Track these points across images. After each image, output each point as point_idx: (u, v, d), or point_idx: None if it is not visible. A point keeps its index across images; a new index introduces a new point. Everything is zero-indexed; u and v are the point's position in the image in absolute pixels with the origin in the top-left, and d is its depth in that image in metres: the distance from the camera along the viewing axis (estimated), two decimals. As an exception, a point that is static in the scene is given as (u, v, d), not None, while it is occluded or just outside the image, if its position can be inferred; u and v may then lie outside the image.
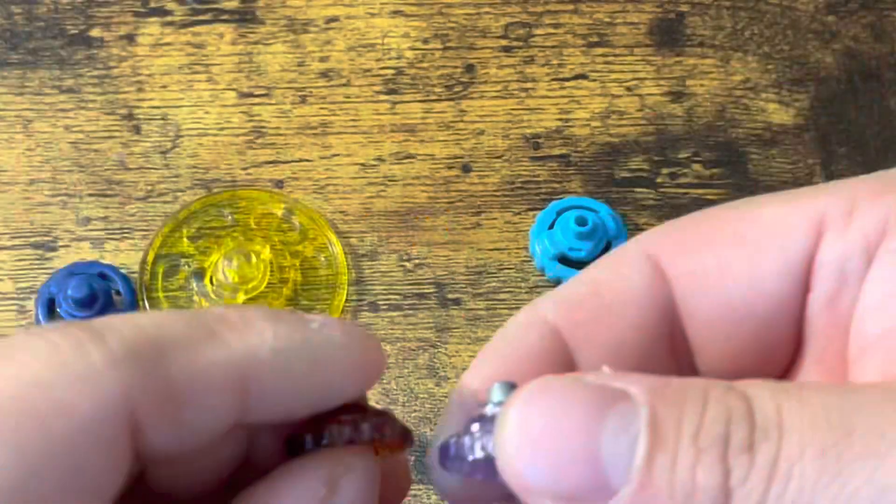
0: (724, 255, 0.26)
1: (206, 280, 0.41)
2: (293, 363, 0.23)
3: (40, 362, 0.20)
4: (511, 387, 0.24)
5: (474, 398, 0.26)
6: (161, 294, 0.41)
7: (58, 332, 0.21)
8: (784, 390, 0.23)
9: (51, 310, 0.41)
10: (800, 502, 0.22)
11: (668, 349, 0.27)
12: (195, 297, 0.41)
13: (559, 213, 0.42)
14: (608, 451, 0.22)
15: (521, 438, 0.23)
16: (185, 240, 0.42)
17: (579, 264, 0.41)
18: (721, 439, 0.22)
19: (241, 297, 0.40)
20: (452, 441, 0.24)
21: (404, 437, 0.24)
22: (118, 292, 0.41)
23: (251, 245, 0.41)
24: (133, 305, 0.41)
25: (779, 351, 0.27)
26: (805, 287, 0.26)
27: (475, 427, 0.24)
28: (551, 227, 0.42)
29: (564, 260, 0.42)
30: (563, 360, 0.27)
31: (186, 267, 0.42)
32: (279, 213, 0.43)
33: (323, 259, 0.42)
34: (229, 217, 0.42)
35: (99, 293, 0.40)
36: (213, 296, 0.41)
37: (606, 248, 0.42)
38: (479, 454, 0.23)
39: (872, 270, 0.25)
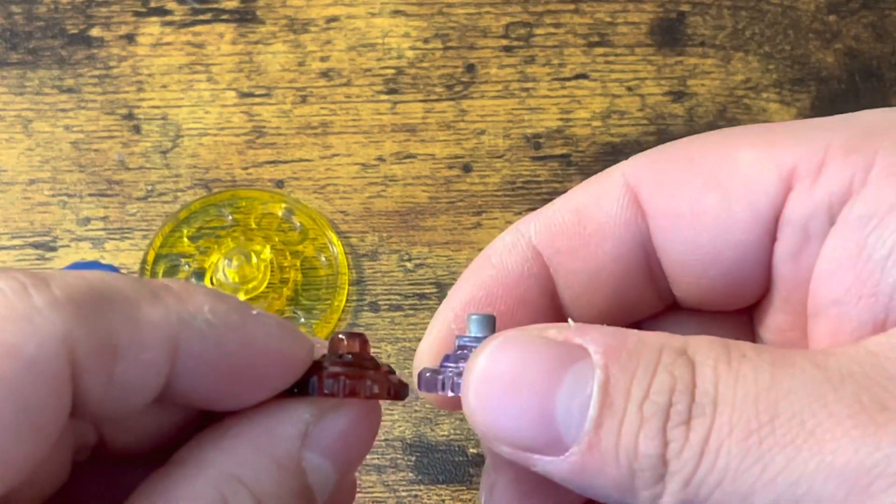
0: (698, 200, 0.26)
1: (207, 280, 0.41)
2: (224, 338, 0.23)
3: None
4: (488, 320, 0.25)
5: (453, 322, 0.27)
6: None
7: (2, 277, 0.21)
8: (727, 363, 0.23)
9: None
10: (726, 479, 0.23)
11: (646, 277, 0.27)
12: None
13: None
14: (563, 409, 0.23)
15: (482, 390, 0.24)
16: (185, 240, 0.42)
17: None
18: (663, 410, 0.23)
19: (242, 297, 0.40)
20: (427, 374, 0.26)
21: (400, 392, 0.26)
22: None
23: (251, 245, 0.41)
24: None
25: (748, 290, 0.27)
26: (772, 238, 0.26)
27: (448, 364, 0.25)
28: None
29: None
30: (544, 283, 0.28)
31: (187, 267, 0.42)
32: (279, 212, 0.42)
33: (323, 259, 0.42)
34: (230, 217, 0.42)
35: None
36: None
37: None
38: (448, 393, 0.25)
39: (830, 236, 0.25)
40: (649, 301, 0.29)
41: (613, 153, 0.44)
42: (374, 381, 0.25)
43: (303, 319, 0.41)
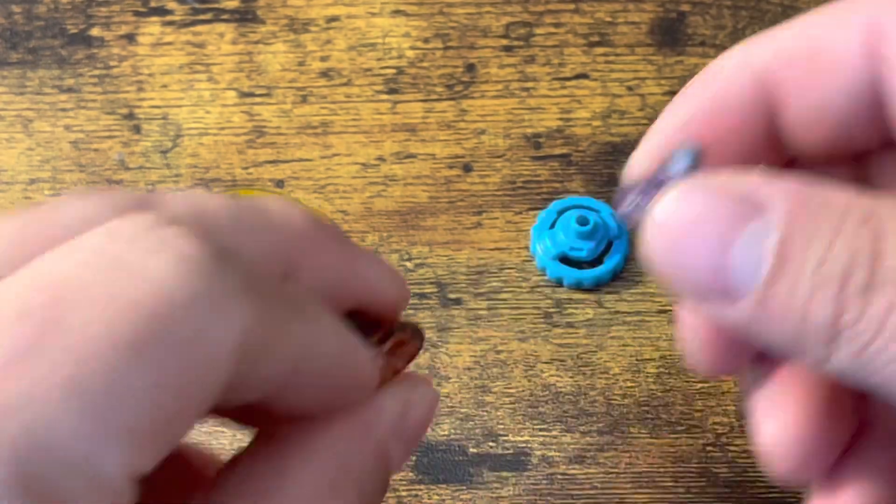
0: None
1: None
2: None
3: (177, 282, 0.21)
4: (694, 155, 0.25)
5: (662, 144, 0.27)
6: None
7: (186, 245, 0.21)
8: None
9: None
10: None
11: (869, 120, 0.26)
12: None
13: (560, 213, 0.42)
14: (738, 261, 0.23)
15: (663, 236, 0.24)
16: None
17: (580, 264, 0.41)
18: (840, 277, 0.23)
19: None
20: (623, 197, 0.27)
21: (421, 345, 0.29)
22: None
23: None
24: None
25: None
26: None
27: (636, 193, 0.26)
28: (552, 226, 0.42)
29: (565, 260, 0.42)
30: (764, 113, 0.27)
31: None
32: None
33: None
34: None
35: None
36: None
37: (608, 249, 0.42)
38: (635, 220, 0.26)
39: None
40: (869, 140, 0.28)
41: (614, 153, 0.44)
42: (418, 338, 0.28)
43: None
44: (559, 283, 0.42)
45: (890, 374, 0.23)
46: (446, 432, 0.39)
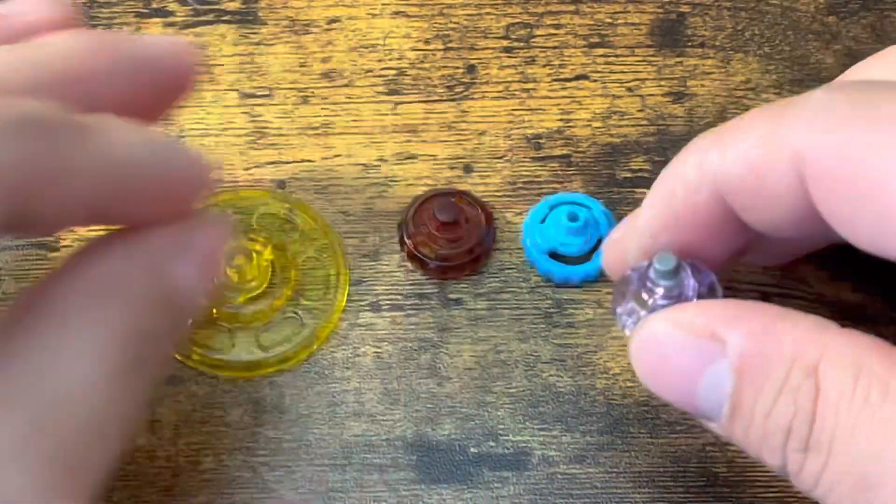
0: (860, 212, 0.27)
1: None
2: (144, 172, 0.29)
3: None
4: (674, 265, 0.30)
5: (646, 239, 0.32)
6: None
7: None
8: (850, 400, 0.26)
9: None
10: None
11: (813, 226, 0.28)
12: None
13: (551, 209, 0.43)
14: (703, 396, 0.27)
15: (642, 362, 0.28)
16: None
17: (569, 260, 0.42)
18: (784, 432, 0.26)
19: (243, 298, 0.40)
20: (617, 298, 0.32)
21: None
22: None
23: (252, 245, 0.41)
24: None
25: None
26: None
27: (628, 306, 0.32)
28: (543, 221, 0.42)
29: (555, 255, 0.42)
30: (728, 216, 0.30)
31: None
32: (281, 213, 0.43)
33: (324, 259, 0.42)
34: (231, 217, 0.42)
35: None
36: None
37: (597, 245, 0.42)
38: (620, 327, 0.32)
39: None
40: (820, 240, 0.30)
41: (614, 154, 0.44)
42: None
43: (304, 320, 0.41)
44: (549, 280, 0.42)
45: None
46: (447, 432, 0.39)
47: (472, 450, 0.39)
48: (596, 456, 0.39)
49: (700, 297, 0.31)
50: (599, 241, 0.42)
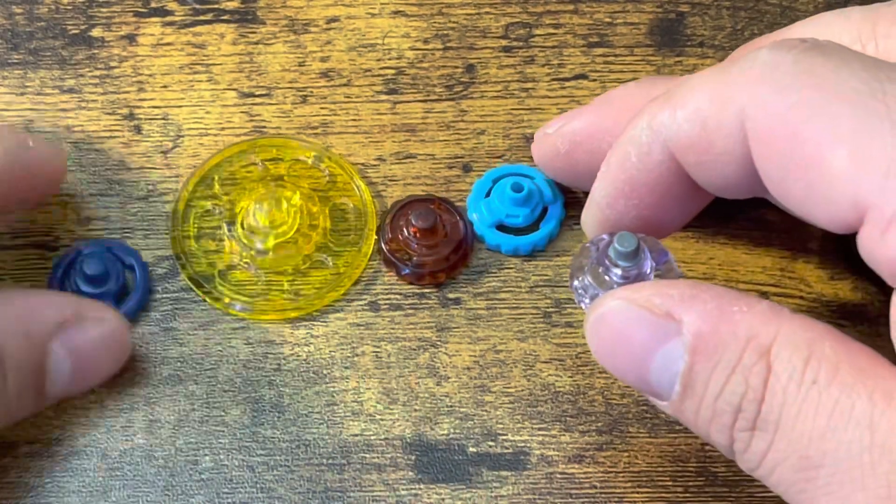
0: (787, 183, 0.27)
1: (238, 225, 0.41)
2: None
3: None
4: (634, 247, 0.31)
5: (605, 209, 0.33)
6: (192, 231, 0.42)
7: None
8: (799, 382, 0.26)
9: (63, 282, 0.41)
10: (780, 490, 0.26)
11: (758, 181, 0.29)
12: (226, 240, 0.41)
13: (495, 181, 0.43)
14: (655, 376, 0.27)
15: (597, 341, 0.29)
16: (216, 186, 0.42)
17: (517, 231, 0.42)
18: (734, 410, 0.26)
19: (272, 242, 0.41)
20: (574, 272, 0.34)
21: None
22: (132, 269, 0.41)
23: (282, 191, 0.42)
24: (146, 289, 0.41)
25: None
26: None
27: (585, 281, 0.33)
28: (488, 195, 0.42)
29: (502, 227, 0.42)
30: (679, 176, 0.31)
31: (217, 212, 0.42)
32: (309, 160, 0.43)
33: (351, 206, 0.42)
34: (260, 164, 0.43)
35: (112, 272, 0.40)
36: (243, 239, 0.41)
37: (543, 214, 0.42)
38: (583, 302, 0.33)
39: None
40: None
41: (613, 153, 0.44)
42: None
43: (331, 264, 0.41)
44: (498, 251, 0.42)
45: (775, 484, 0.27)
46: (445, 432, 0.39)
47: (470, 449, 0.39)
48: (595, 455, 0.39)
49: (658, 276, 0.32)
50: (545, 211, 0.42)
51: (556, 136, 0.36)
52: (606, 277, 0.32)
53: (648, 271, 0.32)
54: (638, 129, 0.31)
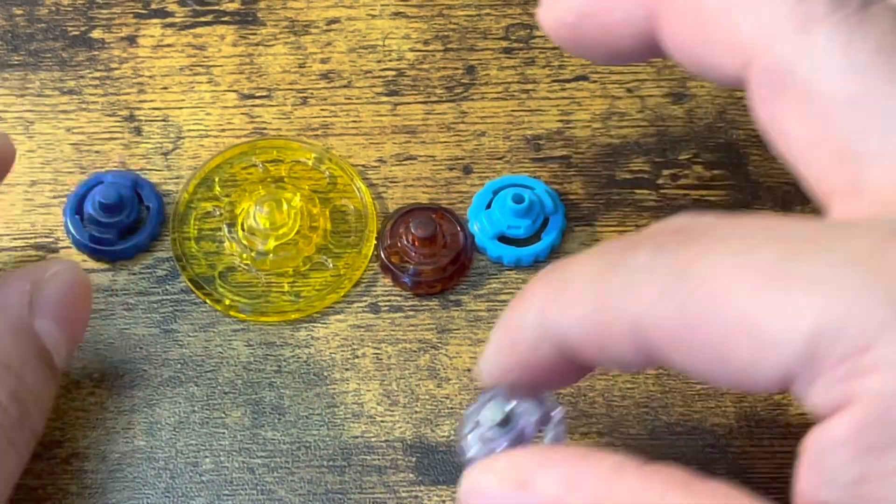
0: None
1: (238, 226, 0.41)
2: None
3: None
4: (503, 417, 0.32)
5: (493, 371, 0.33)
6: (193, 232, 0.42)
7: None
8: None
9: (79, 212, 0.42)
10: None
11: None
12: (226, 242, 0.41)
13: (496, 193, 0.43)
14: None
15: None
16: (216, 187, 0.42)
17: (518, 242, 0.42)
18: None
19: (272, 243, 0.41)
20: (461, 431, 0.33)
21: None
22: (148, 208, 0.42)
23: (282, 192, 0.42)
24: (160, 223, 0.42)
25: None
26: None
27: (468, 439, 0.32)
28: (488, 206, 0.42)
29: (503, 238, 0.42)
30: (573, 362, 0.30)
31: (218, 213, 0.42)
32: (309, 161, 0.43)
33: (352, 207, 0.42)
34: (260, 165, 0.43)
35: (127, 201, 0.41)
36: (244, 241, 0.41)
37: (544, 225, 0.42)
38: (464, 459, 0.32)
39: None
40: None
41: (613, 154, 0.44)
42: None
43: (332, 266, 0.41)
44: (500, 262, 0.42)
45: None
46: (446, 433, 0.39)
47: (471, 451, 0.39)
48: (595, 457, 0.39)
49: (541, 432, 0.33)
50: (547, 221, 0.42)
51: (563, 3, 0.36)
52: (487, 438, 0.33)
53: (529, 430, 0.33)
54: (527, 317, 0.31)
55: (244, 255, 0.41)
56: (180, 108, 0.45)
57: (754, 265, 0.25)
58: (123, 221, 0.41)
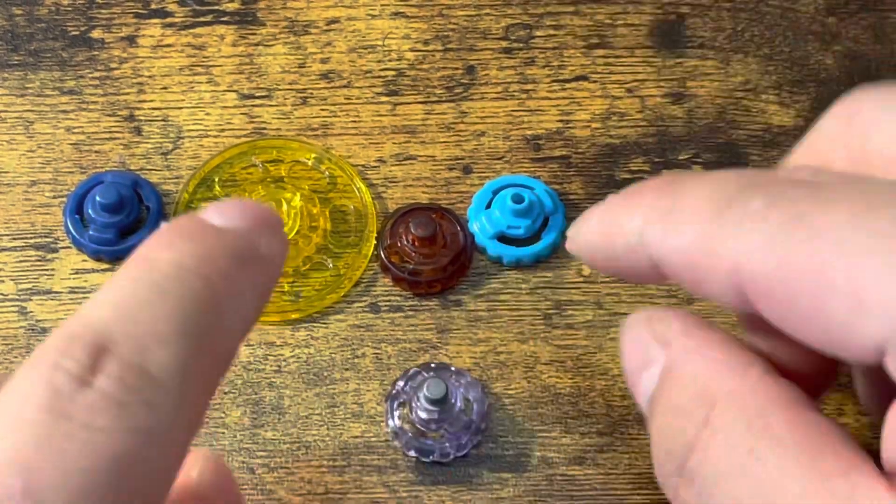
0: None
1: None
2: None
3: None
4: (443, 391, 0.36)
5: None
6: None
7: None
8: (735, 439, 0.26)
9: (79, 212, 0.42)
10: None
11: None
12: None
13: (495, 193, 0.43)
14: (639, 389, 0.29)
15: (622, 343, 0.30)
16: (216, 187, 0.42)
17: (518, 242, 0.42)
18: (666, 451, 0.27)
19: None
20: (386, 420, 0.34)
21: None
22: (148, 208, 0.42)
23: (282, 192, 0.42)
24: (159, 223, 0.42)
25: None
26: None
27: (396, 424, 0.35)
28: (488, 206, 0.42)
29: (503, 238, 0.42)
30: (659, 275, 0.30)
31: None
32: (309, 161, 0.43)
33: (352, 207, 0.42)
34: (260, 165, 0.43)
35: (127, 201, 0.41)
36: None
37: (544, 225, 0.42)
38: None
39: None
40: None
41: (613, 155, 0.44)
42: None
43: (331, 266, 0.41)
44: (500, 262, 0.42)
45: None
46: (446, 433, 0.39)
47: (471, 451, 0.39)
48: (595, 457, 0.39)
49: (465, 409, 0.37)
50: (546, 221, 0.42)
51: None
52: (415, 417, 0.35)
53: (457, 408, 0.37)
54: (631, 223, 0.31)
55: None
56: (180, 108, 0.45)
57: (870, 227, 0.25)
58: (123, 221, 0.41)
